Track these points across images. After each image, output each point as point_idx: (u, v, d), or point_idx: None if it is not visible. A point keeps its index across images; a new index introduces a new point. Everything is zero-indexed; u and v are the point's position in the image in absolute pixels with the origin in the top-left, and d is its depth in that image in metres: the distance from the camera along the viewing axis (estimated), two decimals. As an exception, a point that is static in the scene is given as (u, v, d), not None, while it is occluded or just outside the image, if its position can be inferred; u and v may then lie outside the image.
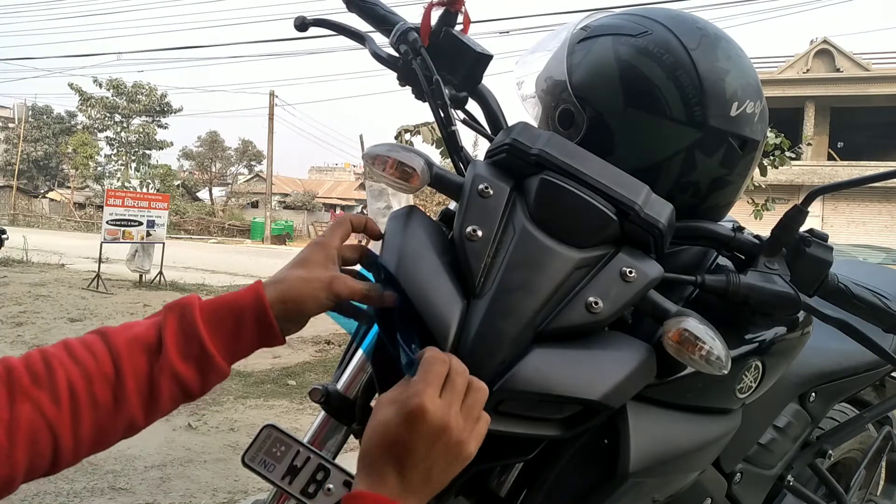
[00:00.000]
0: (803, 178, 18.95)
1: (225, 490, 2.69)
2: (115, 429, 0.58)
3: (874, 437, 1.44)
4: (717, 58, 0.77)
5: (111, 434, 0.58)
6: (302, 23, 0.97)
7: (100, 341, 0.59)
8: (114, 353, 0.58)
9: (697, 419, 0.79)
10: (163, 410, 0.60)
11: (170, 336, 0.60)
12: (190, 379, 0.60)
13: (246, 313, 0.63)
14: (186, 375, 0.60)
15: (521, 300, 0.64)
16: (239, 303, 0.63)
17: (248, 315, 0.63)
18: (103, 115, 33.19)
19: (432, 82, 0.84)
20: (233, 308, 0.63)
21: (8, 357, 0.56)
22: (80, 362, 0.57)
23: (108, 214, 8.56)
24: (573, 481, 0.73)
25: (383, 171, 0.73)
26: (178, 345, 0.60)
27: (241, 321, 0.62)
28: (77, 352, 0.58)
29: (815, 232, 0.78)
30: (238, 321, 0.62)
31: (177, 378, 0.59)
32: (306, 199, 39.00)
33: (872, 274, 1.42)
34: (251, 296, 0.63)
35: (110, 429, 0.57)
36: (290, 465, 0.68)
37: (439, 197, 12.10)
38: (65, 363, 0.56)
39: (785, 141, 5.78)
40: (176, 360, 0.59)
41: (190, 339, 0.60)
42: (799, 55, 21.53)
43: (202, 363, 0.60)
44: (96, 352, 0.58)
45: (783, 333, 0.83)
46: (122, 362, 0.58)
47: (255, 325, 0.63)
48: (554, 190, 0.69)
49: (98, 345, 0.59)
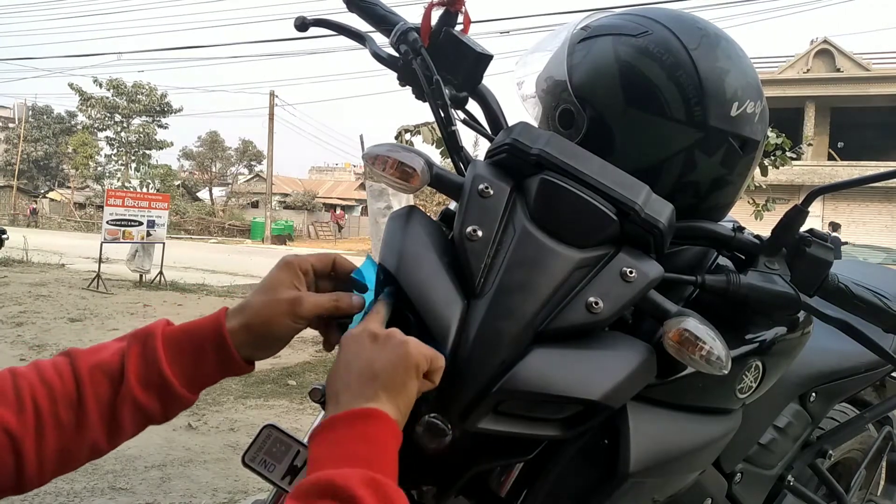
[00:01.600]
0: (803, 178, 18.94)
1: (225, 490, 2.69)
2: (79, 450, 0.59)
3: (874, 437, 1.44)
4: (717, 58, 0.77)
5: (75, 455, 0.59)
6: (302, 23, 0.97)
7: (67, 364, 0.60)
8: (78, 376, 0.59)
9: (698, 419, 0.79)
10: (126, 435, 0.61)
11: (131, 364, 0.61)
12: (151, 407, 0.61)
13: (206, 342, 0.63)
14: (147, 404, 0.60)
15: (522, 300, 0.64)
16: (199, 331, 0.63)
17: (207, 344, 0.63)
18: (103, 115, 33.19)
19: (432, 82, 0.84)
20: (193, 337, 0.63)
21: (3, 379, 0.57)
22: (46, 382, 0.58)
23: (108, 214, 8.56)
24: (573, 481, 0.73)
25: (383, 171, 0.73)
26: (139, 373, 0.60)
27: (202, 350, 0.63)
28: (46, 372, 0.59)
29: (816, 232, 0.78)
30: (198, 350, 0.63)
31: (137, 406, 0.60)
32: (306, 199, 39.00)
33: (873, 274, 1.42)
34: (212, 324, 0.64)
35: (74, 450, 0.58)
36: (291, 465, 0.67)
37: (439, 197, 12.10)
38: (32, 382, 0.58)
39: (786, 141, 5.77)
40: (136, 389, 0.60)
41: (150, 368, 0.61)
42: (799, 55, 21.54)
43: (162, 392, 0.61)
44: (63, 373, 0.59)
45: (783, 333, 0.83)
46: (85, 387, 0.59)
47: (216, 354, 0.63)
48: (554, 190, 0.69)
49: (65, 367, 0.60)
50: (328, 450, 0.53)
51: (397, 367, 0.57)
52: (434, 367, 0.60)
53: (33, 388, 0.57)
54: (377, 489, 0.49)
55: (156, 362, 0.61)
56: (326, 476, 0.50)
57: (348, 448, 0.53)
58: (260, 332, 0.64)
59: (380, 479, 0.50)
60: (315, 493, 0.49)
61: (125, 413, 0.60)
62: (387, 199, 5.69)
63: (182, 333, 0.63)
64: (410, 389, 0.58)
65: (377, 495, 0.49)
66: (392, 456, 0.54)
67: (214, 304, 7.85)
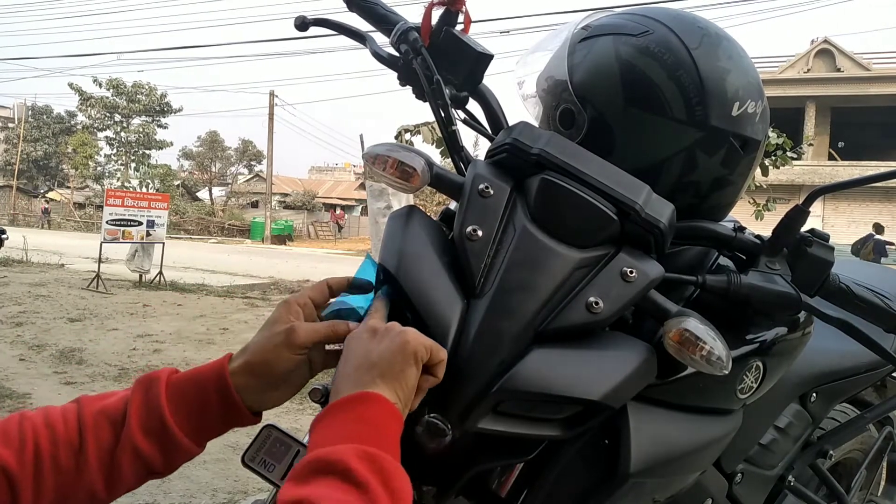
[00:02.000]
0: (804, 178, 18.95)
1: (225, 490, 2.69)
2: (77, 496, 0.58)
3: (875, 437, 1.44)
4: (718, 57, 0.76)
5: (72, 501, 0.58)
6: (302, 22, 0.97)
7: (74, 409, 0.60)
8: (82, 421, 0.59)
9: (698, 419, 0.79)
10: (126, 485, 0.60)
11: (134, 410, 0.60)
12: (151, 455, 0.60)
13: (209, 390, 0.62)
14: (147, 451, 0.59)
15: (522, 300, 0.64)
16: (203, 377, 0.63)
17: (210, 391, 0.62)
18: (103, 114, 33.20)
19: (433, 82, 0.84)
20: (196, 383, 0.62)
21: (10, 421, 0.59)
22: (50, 425, 0.58)
23: (107, 214, 8.55)
24: (574, 482, 0.73)
25: (383, 171, 0.73)
26: (141, 420, 0.60)
27: (205, 396, 0.62)
28: (51, 416, 0.59)
29: (817, 232, 0.77)
30: (201, 396, 0.62)
31: (137, 453, 0.59)
32: (306, 198, 38.99)
33: (873, 274, 1.42)
34: (215, 369, 0.63)
35: (71, 495, 0.58)
36: (291, 464, 0.67)
37: (439, 197, 12.11)
38: (36, 424, 0.58)
39: (787, 141, 5.77)
40: (137, 435, 0.59)
41: (152, 415, 0.60)
42: (800, 55, 21.54)
43: (164, 440, 0.60)
44: (68, 419, 0.59)
45: (784, 334, 0.83)
46: (87, 433, 0.58)
47: (219, 401, 0.62)
48: (554, 190, 0.68)
49: (71, 412, 0.60)
50: (324, 434, 0.53)
51: (395, 354, 0.57)
52: (435, 359, 0.59)
53: (36, 430, 0.58)
54: (372, 461, 0.49)
55: (158, 409, 0.60)
56: (319, 454, 0.49)
57: (344, 429, 0.52)
58: (261, 370, 0.63)
59: (375, 452, 0.49)
60: (310, 471, 0.48)
61: (125, 461, 0.59)
62: (387, 199, 5.69)
63: (186, 380, 0.63)
64: (409, 376, 0.57)
65: (372, 467, 0.48)
66: (390, 434, 0.54)
67: (214, 303, 7.85)
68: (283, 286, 10.07)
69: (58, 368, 4.50)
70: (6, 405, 3.63)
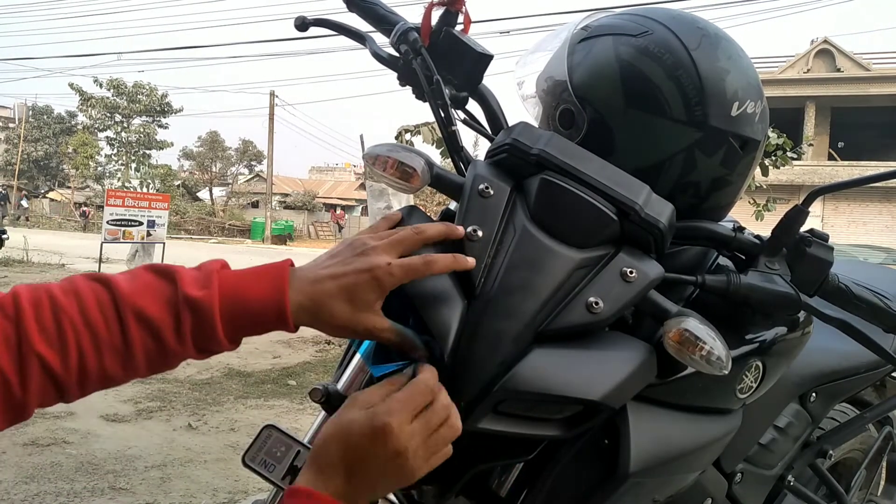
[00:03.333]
0: (804, 178, 18.94)
1: (225, 490, 2.69)
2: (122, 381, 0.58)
3: (875, 437, 1.44)
4: (717, 58, 0.77)
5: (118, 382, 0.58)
6: (302, 23, 0.97)
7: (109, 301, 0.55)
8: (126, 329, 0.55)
9: (698, 419, 0.79)
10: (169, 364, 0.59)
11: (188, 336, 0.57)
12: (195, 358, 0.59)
13: (268, 324, 0.59)
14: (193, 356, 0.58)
15: (522, 300, 0.64)
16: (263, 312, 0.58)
17: (269, 325, 0.59)
18: (104, 115, 33.16)
19: (433, 82, 0.84)
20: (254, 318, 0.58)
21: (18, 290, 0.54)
22: (91, 326, 0.54)
23: (108, 214, 8.57)
24: (574, 481, 0.73)
25: (384, 171, 0.73)
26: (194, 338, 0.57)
27: (261, 327, 0.59)
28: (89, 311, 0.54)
29: (816, 232, 0.78)
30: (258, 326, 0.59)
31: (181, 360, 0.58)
32: (307, 199, 38.99)
33: (873, 274, 1.42)
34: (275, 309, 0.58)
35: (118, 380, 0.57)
36: (291, 465, 0.67)
37: (440, 197, 12.10)
38: (75, 322, 0.54)
39: (787, 141, 5.77)
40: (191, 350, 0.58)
41: (206, 337, 0.57)
42: (799, 55, 21.53)
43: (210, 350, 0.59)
44: (108, 317, 0.55)
45: (784, 333, 0.83)
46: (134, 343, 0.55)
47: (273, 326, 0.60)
48: (554, 190, 0.69)
49: (107, 307, 0.55)
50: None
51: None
52: None
53: (77, 331, 0.54)
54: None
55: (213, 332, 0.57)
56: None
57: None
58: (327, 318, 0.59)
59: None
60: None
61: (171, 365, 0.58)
62: (387, 199, 5.69)
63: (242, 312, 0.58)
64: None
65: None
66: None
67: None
68: (283, 286, 10.05)
69: (58, 368, 4.50)
70: (7, 405, 3.63)
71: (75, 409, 3.66)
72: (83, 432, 3.20)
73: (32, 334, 0.52)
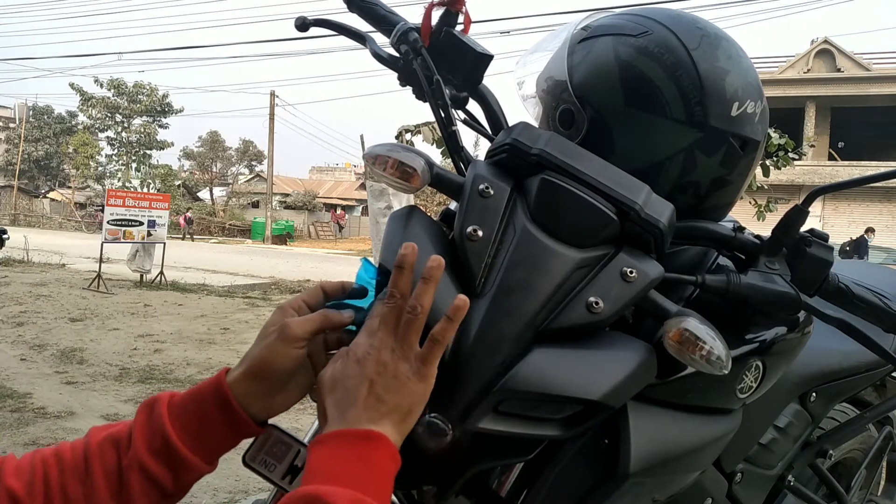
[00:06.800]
0: (804, 178, 18.94)
1: (225, 490, 2.69)
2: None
3: (875, 437, 1.44)
4: (717, 58, 0.77)
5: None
6: (302, 23, 0.97)
7: (83, 440, 0.62)
8: (87, 449, 0.60)
9: (698, 419, 0.79)
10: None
11: (138, 431, 0.61)
12: (160, 474, 0.60)
13: (208, 403, 0.62)
14: (155, 470, 0.60)
15: (522, 300, 0.64)
16: (201, 392, 0.63)
17: (210, 404, 0.62)
18: (104, 115, 33.22)
19: (433, 82, 0.84)
20: (196, 399, 0.63)
21: (25, 456, 0.61)
22: (58, 456, 0.61)
23: (108, 214, 8.57)
24: (574, 481, 0.73)
25: (384, 171, 0.73)
26: (146, 439, 0.60)
27: (205, 409, 0.62)
28: (61, 448, 0.62)
29: (816, 232, 0.78)
30: (201, 410, 0.62)
31: (145, 473, 0.59)
32: (307, 199, 38.99)
33: (873, 274, 1.42)
34: (213, 385, 0.63)
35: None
36: (291, 464, 0.67)
37: (440, 197, 12.11)
38: (46, 457, 0.60)
39: (789, 142, 5.77)
40: (143, 455, 0.60)
41: (156, 434, 0.60)
42: (799, 55, 21.53)
43: (170, 458, 0.60)
44: (76, 448, 0.61)
45: (784, 333, 0.83)
46: (92, 458, 0.60)
47: (220, 414, 0.62)
48: (554, 190, 0.69)
49: (79, 442, 0.62)
50: (326, 464, 0.53)
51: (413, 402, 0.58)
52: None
53: (46, 461, 0.60)
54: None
55: (161, 427, 0.60)
56: (316, 491, 0.50)
57: (346, 467, 0.53)
58: (260, 373, 0.63)
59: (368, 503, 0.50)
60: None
61: (133, 481, 0.59)
62: (387, 199, 5.69)
63: (186, 397, 0.63)
64: (417, 414, 0.58)
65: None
66: (388, 482, 0.54)
67: (215, 303, 7.85)
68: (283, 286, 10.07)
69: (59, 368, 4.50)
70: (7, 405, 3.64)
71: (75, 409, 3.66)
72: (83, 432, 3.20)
73: (4, 467, 0.60)
